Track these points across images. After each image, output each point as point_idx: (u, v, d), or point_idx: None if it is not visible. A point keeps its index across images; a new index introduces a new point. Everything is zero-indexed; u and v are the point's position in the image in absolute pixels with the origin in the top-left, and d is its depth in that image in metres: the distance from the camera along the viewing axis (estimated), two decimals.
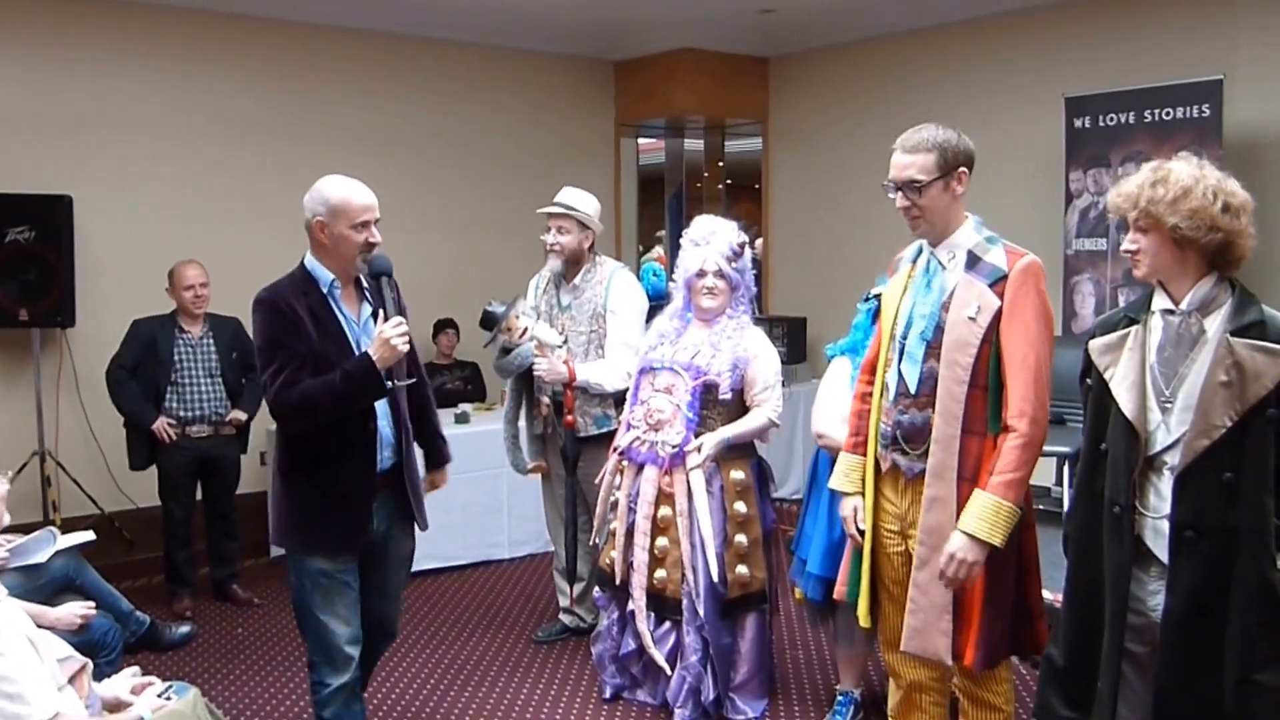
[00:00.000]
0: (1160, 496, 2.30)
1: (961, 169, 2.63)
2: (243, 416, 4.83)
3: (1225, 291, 2.29)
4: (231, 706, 3.84)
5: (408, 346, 2.81)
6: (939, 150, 2.62)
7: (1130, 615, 2.35)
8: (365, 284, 2.94)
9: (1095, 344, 2.44)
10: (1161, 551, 2.30)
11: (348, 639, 2.91)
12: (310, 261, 2.86)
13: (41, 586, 3.48)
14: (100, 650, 3.29)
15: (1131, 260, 2.36)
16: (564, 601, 4.47)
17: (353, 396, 2.77)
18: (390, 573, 3.11)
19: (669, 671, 3.60)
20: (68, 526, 4.36)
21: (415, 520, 3.11)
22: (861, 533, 2.82)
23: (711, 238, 3.64)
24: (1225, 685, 2.21)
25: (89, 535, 3.80)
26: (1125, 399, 2.34)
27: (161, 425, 4.64)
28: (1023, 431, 2.53)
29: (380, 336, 2.77)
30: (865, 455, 2.82)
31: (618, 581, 3.67)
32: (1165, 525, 2.28)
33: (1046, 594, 2.77)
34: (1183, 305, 2.30)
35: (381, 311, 2.85)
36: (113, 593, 3.87)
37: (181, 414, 4.69)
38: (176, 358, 4.69)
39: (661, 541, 3.56)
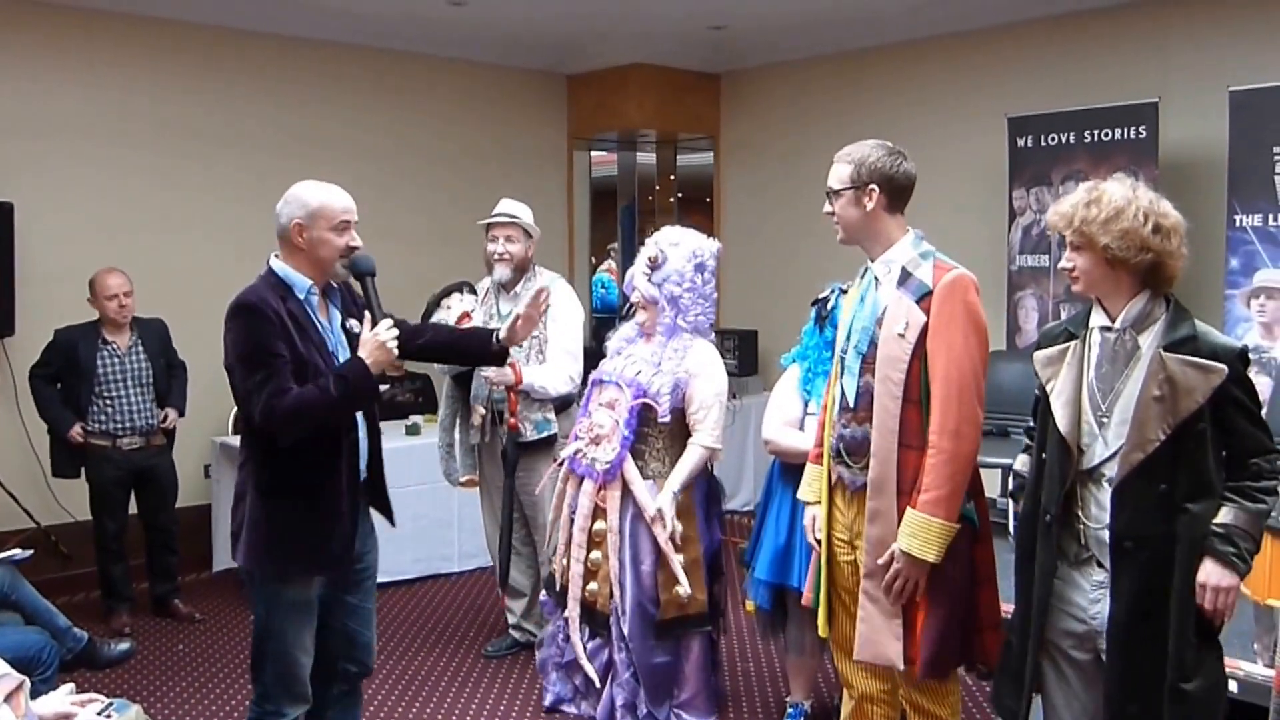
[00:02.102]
0: (1101, 508, 2.35)
1: (872, 186, 2.68)
2: (175, 415, 4.74)
3: (1160, 308, 2.34)
4: None
5: (398, 349, 2.75)
6: (855, 164, 2.71)
7: (1073, 623, 2.43)
8: (336, 288, 2.86)
9: (1038, 356, 2.51)
10: (1105, 561, 2.35)
11: (309, 668, 2.79)
12: (281, 267, 2.73)
13: None
14: (36, 667, 3.22)
15: (1069, 277, 2.43)
16: (512, 618, 4.45)
17: (349, 402, 2.68)
18: (369, 593, 2.95)
19: (598, 684, 3.60)
20: (1, 540, 4.27)
21: (387, 517, 2.98)
22: (819, 541, 2.85)
23: (642, 253, 3.65)
24: (1164, 691, 2.27)
25: (27, 552, 3.72)
26: (1060, 415, 2.40)
27: (76, 432, 4.54)
28: (943, 448, 2.56)
29: (375, 339, 2.69)
30: (823, 465, 2.87)
31: (558, 588, 3.68)
32: (1107, 535, 2.33)
33: (1006, 607, 2.79)
34: (1117, 323, 2.36)
35: (369, 313, 2.77)
36: (49, 608, 3.79)
37: (110, 427, 4.58)
38: (100, 369, 4.57)
39: (595, 555, 3.57)
